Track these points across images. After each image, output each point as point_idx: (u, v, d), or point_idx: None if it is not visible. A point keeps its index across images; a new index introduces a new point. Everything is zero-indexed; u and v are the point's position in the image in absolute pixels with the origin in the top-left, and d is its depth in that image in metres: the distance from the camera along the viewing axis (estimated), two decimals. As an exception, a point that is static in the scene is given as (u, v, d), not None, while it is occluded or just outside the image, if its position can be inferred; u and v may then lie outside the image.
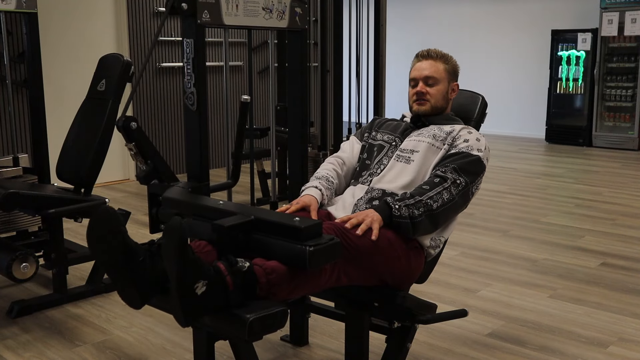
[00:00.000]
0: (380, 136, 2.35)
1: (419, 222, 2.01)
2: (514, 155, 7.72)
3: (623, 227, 4.48)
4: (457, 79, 2.36)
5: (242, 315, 1.56)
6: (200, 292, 1.52)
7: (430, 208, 2.01)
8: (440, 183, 2.06)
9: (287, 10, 2.67)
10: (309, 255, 1.63)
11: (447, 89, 2.30)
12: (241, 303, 1.59)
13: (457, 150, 2.16)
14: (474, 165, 2.13)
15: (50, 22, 5.39)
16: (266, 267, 1.67)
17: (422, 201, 2.01)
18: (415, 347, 2.58)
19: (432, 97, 2.28)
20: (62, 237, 3.09)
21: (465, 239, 4.15)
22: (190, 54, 2.40)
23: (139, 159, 2.22)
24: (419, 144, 2.21)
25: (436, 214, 2.03)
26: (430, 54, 2.32)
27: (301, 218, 1.75)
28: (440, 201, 2.03)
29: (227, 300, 1.58)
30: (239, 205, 1.97)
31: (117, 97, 3.09)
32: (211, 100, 6.61)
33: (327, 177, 2.27)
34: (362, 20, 6.02)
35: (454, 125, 2.26)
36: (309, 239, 1.67)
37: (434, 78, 2.27)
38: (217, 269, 1.58)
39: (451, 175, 2.07)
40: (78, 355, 2.61)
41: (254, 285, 1.63)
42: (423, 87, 2.27)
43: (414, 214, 1.99)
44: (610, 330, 2.83)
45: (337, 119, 5.55)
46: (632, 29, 7.95)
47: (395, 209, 1.99)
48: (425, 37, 9.81)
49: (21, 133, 5.34)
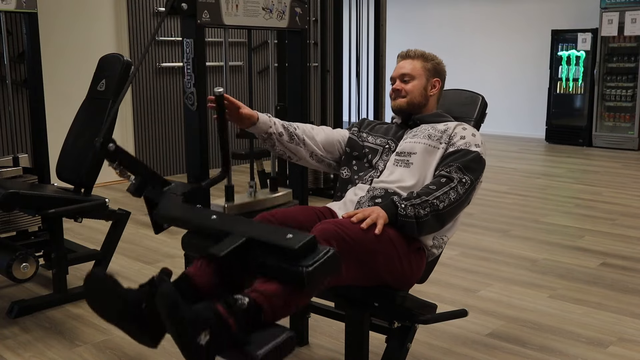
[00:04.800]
0: (372, 139, 2.35)
1: (425, 222, 2.00)
2: (514, 155, 7.72)
3: (623, 227, 4.48)
4: (441, 76, 2.36)
5: (253, 354, 1.53)
6: (205, 341, 1.51)
7: (436, 208, 2.01)
8: (446, 183, 2.06)
9: (287, 10, 2.67)
10: (307, 276, 1.59)
11: (426, 84, 2.31)
12: (247, 340, 1.57)
13: (455, 148, 2.16)
14: (475, 162, 2.14)
15: (51, 22, 5.39)
16: (267, 292, 1.64)
17: (428, 201, 2.01)
18: (415, 347, 2.58)
19: (408, 92, 2.30)
20: (62, 237, 3.09)
21: (465, 239, 4.15)
22: (190, 54, 2.40)
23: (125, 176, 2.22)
24: (415, 145, 2.21)
25: (443, 214, 2.03)
26: (409, 53, 2.36)
27: (294, 234, 1.66)
28: (447, 201, 2.03)
29: (232, 340, 1.56)
30: (232, 218, 1.92)
31: (117, 97, 3.09)
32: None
33: (290, 123, 2.33)
34: (362, 20, 6.02)
35: (448, 123, 2.26)
36: (305, 258, 1.61)
37: (410, 75, 2.30)
38: (217, 314, 1.56)
39: (456, 175, 2.07)
40: (78, 355, 2.61)
41: (258, 314, 1.62)
42: (399, 84, 2.31)
43: (420, 214, 1.99)
44: (610, 330, 2.83)
45: (337, 119, 5.56)
46: (632, 29, 7.95)
47: (401, 208, 1.98)
48: (425, 37, 9.82)
49: (21, 133, 5.34)
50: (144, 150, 6.25)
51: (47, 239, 3.33)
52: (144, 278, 3.42)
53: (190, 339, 1.51)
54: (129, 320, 1.68)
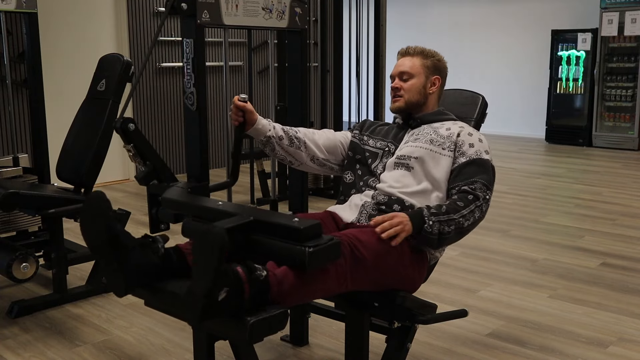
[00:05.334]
0: (372, 142, 2.33)
1: (446, 239, 2.01)
2: (514, 155, 7.72)
3: (623, 227, 4.48)
4: (441, 73, 2.32)
5: (243, 318, 1.56)
6: (221, 298, 1.53)
7: (461, 226, 2.02)
8: (473, 201, 2.06)
9: (287, 10, 2.67)
10: (309, 256, 1.63)
11: (425, 82, 2.28)
12: (253, 310, 1.59)
13: (468, 158, 2.14)
14: (492, 173, 2.17)
15: (50, 22, 5.39)
16: (278, 275, 1.67)
17: (455, 220, 2.00)
18: (415, 347, 2.58)
19: (406, 91, 2.27)
20: (62, 237, 3.09)
21: (465, 239, 4.11)
22: (190, 54, 2.40)
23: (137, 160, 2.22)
24: (415, 149, 2.20)
25: (465, 231, 2.05)
26: (408, 50, 2.33)
27: (300, 219, 1.74)
28: (471, 219, 2.04)
29: (241, 306, 1.58)
30: (238, 205, 1.96)
31: (117, 97, 3.09)
32: (211, 100, 6.62)
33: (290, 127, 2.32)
34: (362, 20, 6.02)
35: (450, 127, 2.23)
36: (309, 240, 1.66)
37: (409, 73, 2.27)
38: (237, 275, 1.58)
39: (482, 193, 2.08)
40: (78, 355, 2.61)
41: (266, 292, 1.64)
42: (398, 82, 2.29)
43: (444, 231, 1.99)
44: (610, 330, 2.83)
45: (337, 119, 5.56)
46: (632, 29, 7.95)
47: (429, 225, 1.97)
48: (425, 37, 9.81)
49: (21, 133, 5.34)
50: (144, 150, 6.25)
51: (47, 239, 3.33)
52: (144, 278, 3.44)
53: (218, 289, 1.52)
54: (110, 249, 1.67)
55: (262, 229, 1.75)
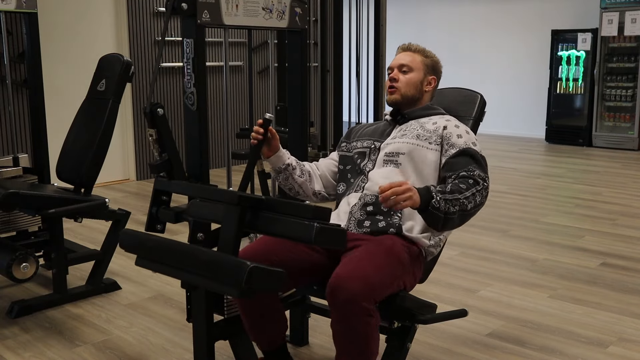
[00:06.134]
0: (360, 144, 2.34)
1: (451, 220, 1.99)
2: (514, 155, 7.72)
3: (623, 227, 4.48)
4: (437, 75, 2.35)
5: (243, 262, 1.57)
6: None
7: (465, 208, 2.00)
8: (474, 185, 2.04)
9: (287, 10, 2.67)
10: (316, 231, 1.63)
11: (422, 79, 2.30)
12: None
13: (458, 149, 2.14)
14: (485, 163, 2.16)
15: (50, 22, 5.39)
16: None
17: (459, 200, 1.98)
18: (415, 347, 2.58)
19: (403, 84, 2.28)
20: (62, 237, 3.09)
21: (465, 239, 4.15)
22: (190, 54, 2.40)
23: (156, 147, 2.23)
24: (403, 145, 2.20)
25: (467, 215, 2.02)
26: (410, 47, 2.35)
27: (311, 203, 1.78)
28: (473, 203, 2.02)
29: None
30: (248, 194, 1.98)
31: (117, 97, 3.09)
32: (211, 100, 6.61)
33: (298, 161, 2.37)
34: (362, 20, 6.02)
35: (437, 122, 2.24)
36: (317, 219, 1.68)
37: (408, 66, 2.29)
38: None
39: (481, 179, 2.07)
40: (78, 355, 2.61)
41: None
42: (396, 73, 2.30)
43: (450, 211, 1.96)
44: (610, 330, 2.83)
45: (337, 119, 5.57)
46: (632, 29, 7.95)
47: (436, 200, 1.94)
48: (425, 37, 9.81)
49: (21, 133, 5.34)
50: (144, 150, 6.25)
51: (47, 239, 3.33)
52: (144, 278, 3.44)
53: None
54: None
55: (273, 207, 1.77)
